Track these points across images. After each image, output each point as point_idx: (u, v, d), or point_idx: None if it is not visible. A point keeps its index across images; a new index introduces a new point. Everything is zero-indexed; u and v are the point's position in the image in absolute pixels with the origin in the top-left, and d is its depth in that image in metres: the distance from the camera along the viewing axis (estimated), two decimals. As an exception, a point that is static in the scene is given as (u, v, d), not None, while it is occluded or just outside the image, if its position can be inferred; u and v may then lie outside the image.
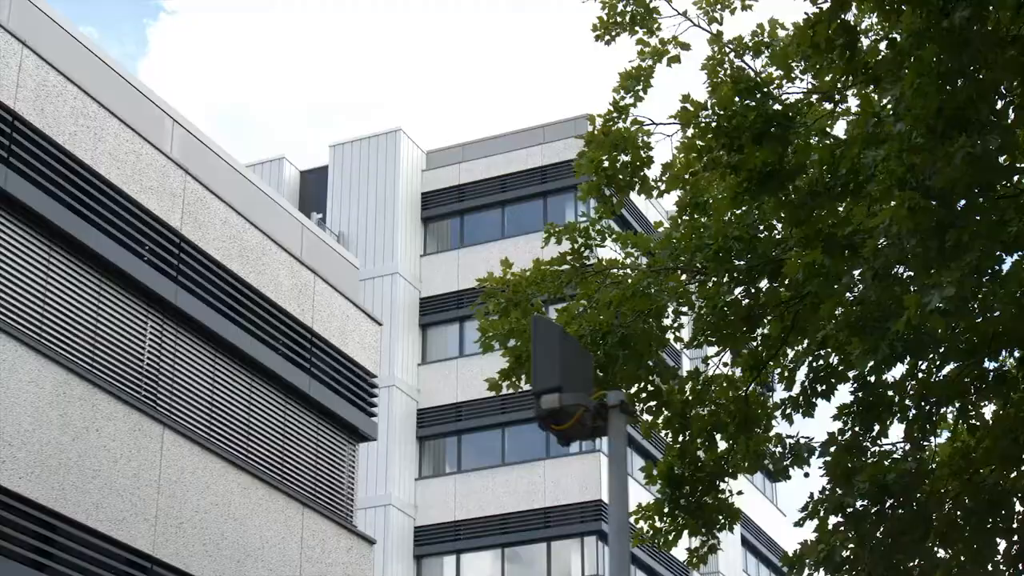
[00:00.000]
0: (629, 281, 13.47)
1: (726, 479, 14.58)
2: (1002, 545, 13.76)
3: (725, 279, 13.50)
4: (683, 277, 13.70)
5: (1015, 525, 13.80)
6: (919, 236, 10.40)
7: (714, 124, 11.83)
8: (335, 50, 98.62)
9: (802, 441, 13.40)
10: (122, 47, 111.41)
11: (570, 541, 40.68)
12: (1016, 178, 11.67)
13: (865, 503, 12.77)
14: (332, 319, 18.77)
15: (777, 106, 11.67)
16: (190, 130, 17.20)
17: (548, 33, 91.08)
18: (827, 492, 13.05)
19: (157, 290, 16.01)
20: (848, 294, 11.89)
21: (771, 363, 14.25)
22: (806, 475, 13.61)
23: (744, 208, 13.50)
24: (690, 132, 12.52)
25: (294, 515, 17.30)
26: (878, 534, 12.91)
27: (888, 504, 13.21)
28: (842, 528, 13.00)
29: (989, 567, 14.12)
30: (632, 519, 15.10)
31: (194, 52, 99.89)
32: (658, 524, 14.74)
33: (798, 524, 13.17)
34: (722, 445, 14.41)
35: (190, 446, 15.86)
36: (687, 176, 13.29)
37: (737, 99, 11.58)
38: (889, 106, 10.39)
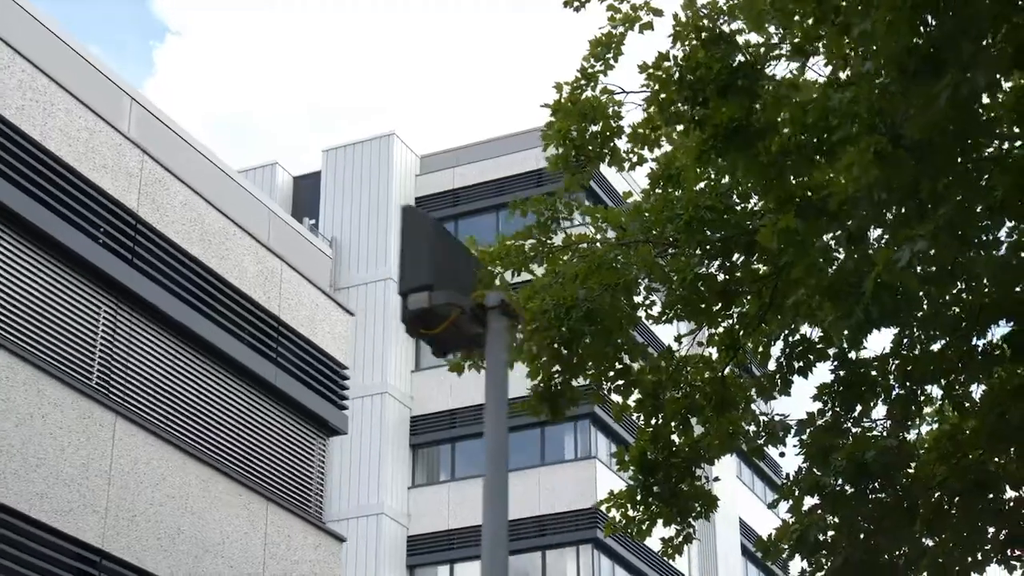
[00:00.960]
0: (595, 253, 12.77)
1: (702, 465, 13.88)
2: (991, 532, 13.07)
3: (697, 251, 12.81)
4: (653, 250, 13.00)
5: (1005, 509, 13.11)
6: (891, 191, 9.72)
7: (676, 76, 11.13)
8: (332, 55, 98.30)
9: (777, 419, 12.69)
10: (128, 69, 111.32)
11: (565, 550, 39.98)
12: (1002, 144, 11.01)
13: (843, 484, 12.05)
14: (300, 308, 18.09)
15: (743, 57, 10.98)
16: (149, 109, 16.56)
17: (542, 37, 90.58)
18: (803, 472, 12.34)
19: (112, 273, 15.35)
20: (822, 259, 11.17)
21: (749, 343, 13.55)
22: (782, 455, 12.91)
23: (715, 175, 12.85)
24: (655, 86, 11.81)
25: (257, 510, 16.60)
26: (858, 518, 12.20)
27: (870, 487, 12.51)
28: (819, 511, 12.27)
29: (979, 555, 13.44)
30: (603, 508, 14.41)
31: (199, 70, 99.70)
32: (631, 513, 14.03)
33: (771, 506, 12.46)
34: (698, 430, 13.71)
35: (145, 436, 15.18)
36: (648, 131, 12.58)
37: (702, 51, 10.90)
38: (859, 46, 9.68)
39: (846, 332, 10.57)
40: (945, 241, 9.56)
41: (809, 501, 12.48)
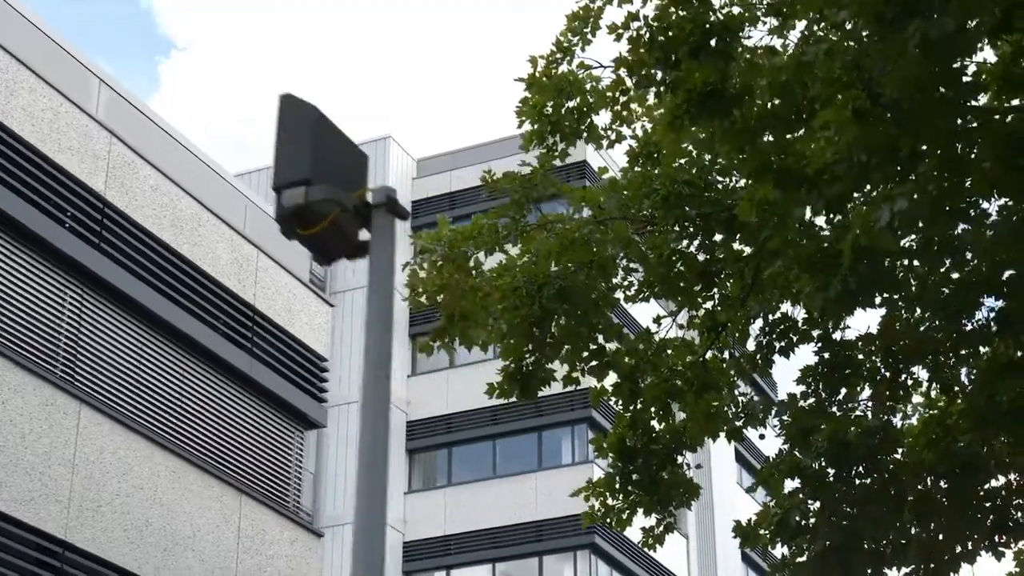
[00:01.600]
0: (569, 229, 12.31)
1: (684, 452, 13.40)
2: (980, 519, 12.59)
3: (675, 228, 12.35)
4: (630, 227, 12.53)
5: (995, 498, 12.63)
6: (870, 152, 9.28)
7: (647, 36, 10.68)
8: (330, 59, 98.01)
9: (756, 399, 12.22)
10: (135, 84, 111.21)
11: (562, 555, 39.46)
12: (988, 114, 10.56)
13: (825, 466, 11.57)
14: (277, 297, 17.64)
15: (716, 18, 10.52)
16: (119, 92, 16.13)
17: (539, 39, 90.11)
18: (784, 455, 11.87)
19: (78, 258, 14.91)
20: (800, 229, 10.70)
21: (731, 325, 13.08)
22: (761, 437, 12.44)
23: (695, 151, 12.41)
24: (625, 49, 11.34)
25: (230, 502, 16.14)
26: (841, 503, 11.72)
27: (854, 471, 12.03)
28: (802, 495, 11.79)
29: (969, 544, 12.96)
30: (582, 496, 13.95)
31: (203, 84, 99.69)
32: (610, 502, 13.56)
33: (750, 490, 11.97)
34: (679, 416, 13.24)
35: (111, 425, 14.73)
36: (617, 95, 12.13)
37: (673, 9, 10.44)
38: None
39: (823, 305, 10.10)
40: (926, 201, 9.10)
41: (790, 485, 12.00)
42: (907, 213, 8.90)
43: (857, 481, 12.02)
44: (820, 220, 10.95)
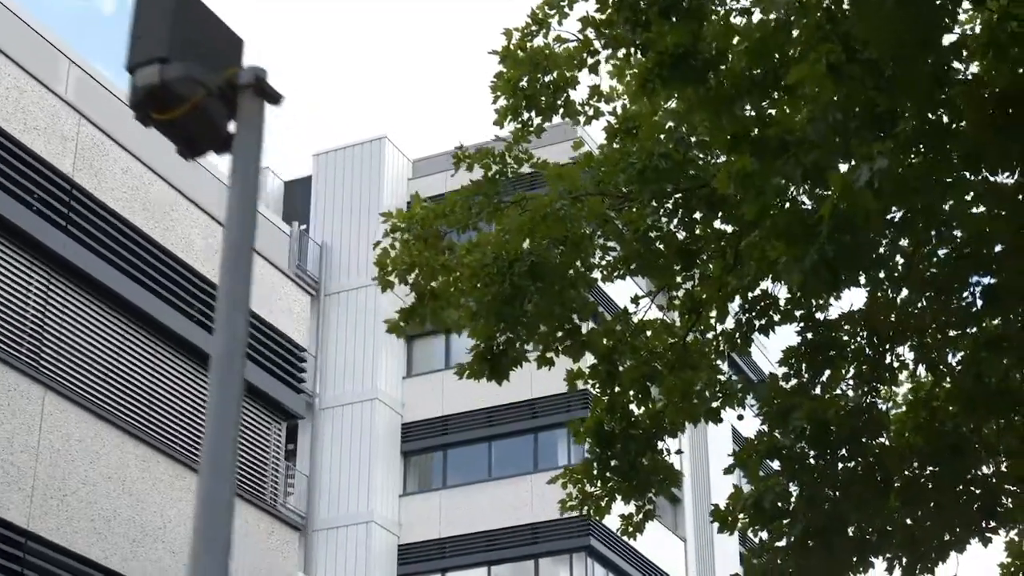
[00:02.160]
0: (542, 203, 11.91)
1: (664, 437, 13.00)
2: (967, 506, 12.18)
3: (652, 203, 11.95)
4: (605, 202, 12.14)
5: (984, 484, 12.22)
6: (848, 110, 8.89)
7: (616, -6, 10.28)
8: (325, 57, 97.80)
9: (734, 377, 11.82)
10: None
11: (558, 558, 39.05)
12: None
13: (806, 448, 11.14)
14: (254, 285, 17.17)
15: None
16: (90, 72, 15.74)
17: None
18: (764, 436, 11.46)
19: (45, 241, 14.51)
20: (777, 198, 10.29)
21: (711, 305, 12.68)
22: (740, 418, 12.04)
23: (673, 123, 12.02)
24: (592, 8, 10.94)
25: (203, 493, 15.70)
26: (823, 486, 11.30)
27: (838, 455, 11.62)
28: (781, 477, 11.37)
29: (957, 531, 12.55)
30: (559, 483, 13.55)
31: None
32: (588, 489, 13.16)
33: (727, 471, 11.56)
34: (660, 400, 12.83)
35: (78, 412, 14.32)
36: (585, 56, 11.74)
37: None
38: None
39: (801, 278, 9.69)
40: (907, 162, 8.69)
41: (771, 470, 11.58)
42: (887, 173, 8.50)
43: (840, 465, 11.61)
44: (800, 192, 10.56)
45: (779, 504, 11.03)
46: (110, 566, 14.24)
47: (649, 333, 12.89)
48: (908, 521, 12.27)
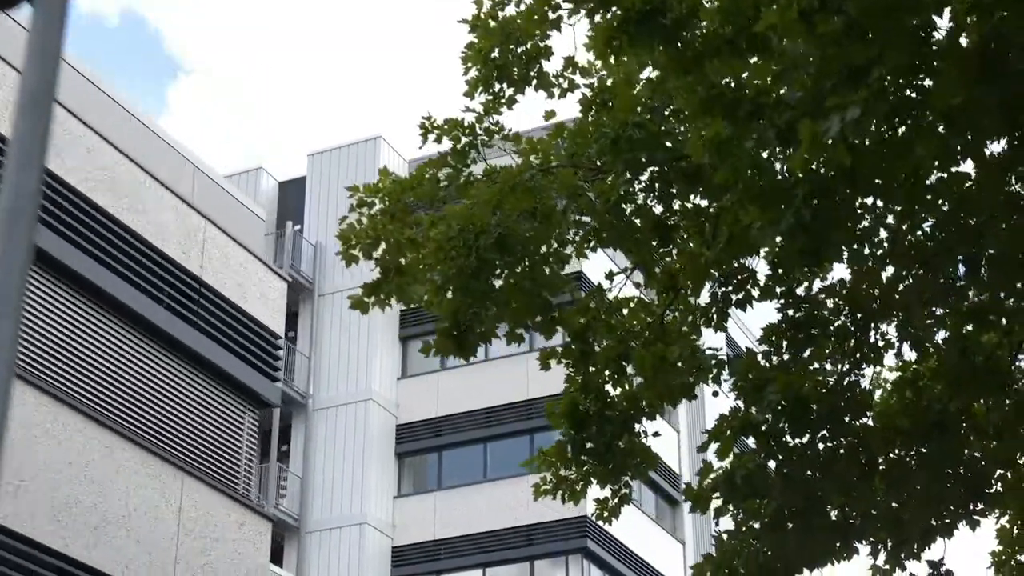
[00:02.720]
0: (511, 174, 11.45)
1: (642, 419, 12.50)
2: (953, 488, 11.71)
3: (626, 175, 11.46)
4: (577, 174, 11.66)
5: (972, 463, 11.74)
6: (820, 64, 8.43)
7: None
8: (325, 60, 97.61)
9: (708, 351, 11.34)
10: (142, 106, 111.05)
11: (554, 559, 38.57)
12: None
13: (782, 424, 10.65)
14: (227, 271, 16.79)
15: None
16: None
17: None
18: (739, 412, 10.98)
19: (6, 221, 14.06)
20: (751, 161, 9.80)
21: (689, 283, 12.18)
22: (715, 394, 11.56)
23: (650, 93, 11.57)
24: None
25: (171, 482, 15.28)
26: (803, 466, 10.80)
27: (817, 433, 11.12)
28: (761, 454, 10.86)
29: (945, 517, 12.07)
30: (533, 466, 13.06)
31: (210, 107, 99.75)
32: (562, 473, 12.67)
33: (700, 449, 11.09)
34: (637, 381, 12.34)
35: (38, 395, 13.87)
36: (546, 11, 11.27)
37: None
38: None
39: (782, 254, 9.24)
40: (883, 112, 8.21)
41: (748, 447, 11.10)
42: (860, 124, 8.03)
43: (821, 446, 11.13)
44: (775, 157, 10.09)
45: (754, 481, 10.54)
46: (71, 554, 13.80)
47: (625, 312, 12.41)
48: (893, 504, 11.78)
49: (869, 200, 10.86)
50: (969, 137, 9.97)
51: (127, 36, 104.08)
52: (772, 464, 10.80)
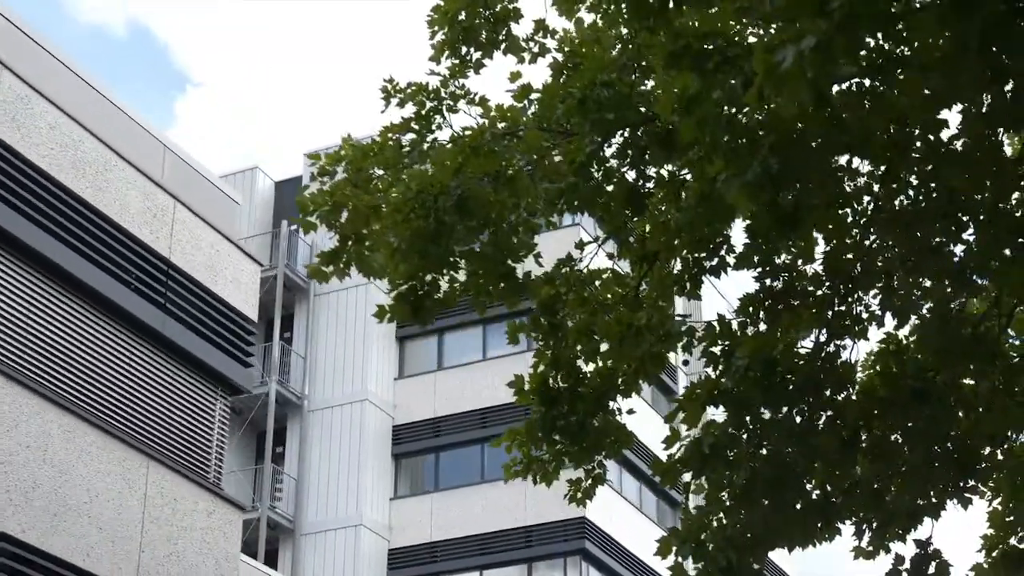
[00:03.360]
0: (473, 134, 10.95)
1: (617, 396, 11.97)
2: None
3: (597, 138, 10.93)
4: (544, 137, 11.15)
5: (960, 438, 11.20)
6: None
7: None
8: (331, 69, 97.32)
9: (677, 318, 10.83)
10: (150, 119, 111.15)
11: (552, 561, 38.06)
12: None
13: (750, 390, 10.10)
14: (197, 252, 16.29)
15: None
16: (11, 20, 14.84)
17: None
18: (705, 378, 10.46)
19: (-38, 198, 13.63)
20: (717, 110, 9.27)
21: (666, 253, 11.65)
22: (685, 363, 11.04)
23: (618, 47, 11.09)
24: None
25: (135, 468, 14.78)
26: (777, 435, 10.26)
27: (792, 402, 10.57)
28: (730, 428, 10.32)
29: (932, 497, 11.55)
30: (503, 447, 12.54)
31: (218, 120, 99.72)
32: (533, 453, 12.15)
33: (668, 419, 10.56)
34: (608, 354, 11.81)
35: (-6, 376, 13.40)
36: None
37: None
38: None
39: (742, 193, 8.71)
40: (844, 48, 7.67)
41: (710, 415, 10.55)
42: (822, 61, 7.49)
43: (798, 419, 10.59)
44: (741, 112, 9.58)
45: (722, 451, 10.00)
46: (28, 540, 13.31)
47: (598, 283, 11.90)
48: (876, 482, 11.26)
49: (849, 162, 10.40)
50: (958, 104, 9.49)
51: (135, 49, 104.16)
52: (744, 436, 10.25)
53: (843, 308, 11.25)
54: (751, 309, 11.20)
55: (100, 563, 14.10)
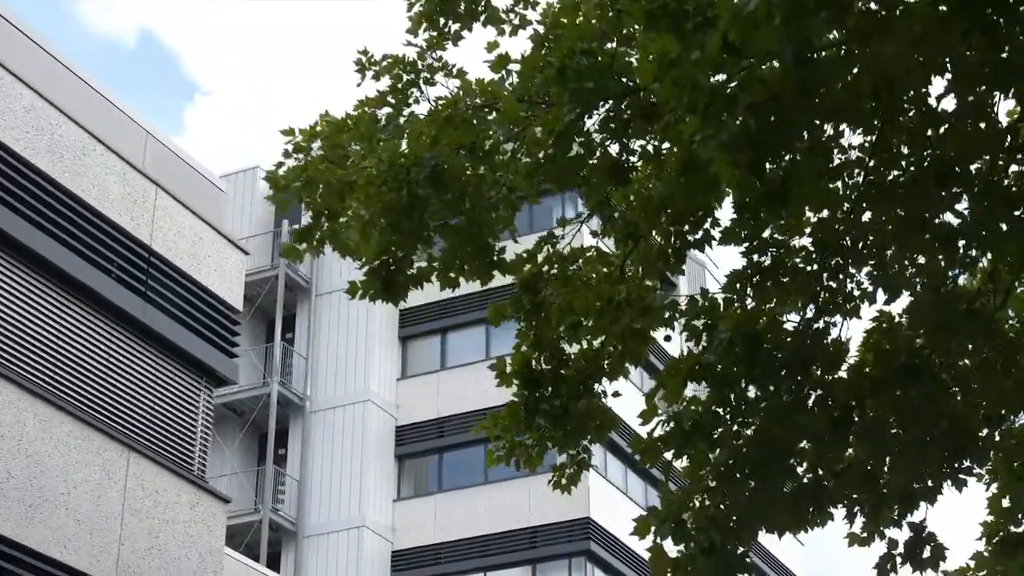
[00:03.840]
0: (447, 103, 10.59)
1: (603, 379, 11.59)
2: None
3: (576, 109, 10.56)
4: (521, 107, 10.77)
5: (957, 417, 10.80)
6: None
7: None
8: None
9: (658, 292, 10.45)
10: (159, 127, 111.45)
11: (557, 562, 37.69)
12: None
13: (735, 368, 9.71)
14: (180, 239, 15.95)
15: None
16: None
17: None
18: (687, 354, 10.08)
19: (-67, 181, 13.31)
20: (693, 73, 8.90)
21: (648, 227, 11.27)
22: (667, 339, 10.65)
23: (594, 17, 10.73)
24: None
25: (114, 459, 14.43)
26: (762, 413, 9.86)
27: (787, 384, 10.19)
28: (714, 406, 9.93)
29: (928, 480, 11.15)
30: (485, 432, 12.16)
31: (227, 128, 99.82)
32: (516, 437, 11.76)
33: (649, 396, 10.16)
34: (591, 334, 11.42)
35: (-35, 363, 13.07)
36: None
37: None
38: None
39: (718, 154, 8.34)
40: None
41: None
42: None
43: (785, 397, 10.19)
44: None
45: (704, 427, 9.61)
46: (2, 532, 12.97)
47: (580, 262, 11.52)
48: (868, 464, 10.87)
49: (838, 131, 10.04)
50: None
51: (144, 58, 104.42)
52: (728, 413, 9.86)
53: (833, 284, 10.88)
54: (738, 286, 10.83)
55: (78, 556, 13.76)
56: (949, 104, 9.73)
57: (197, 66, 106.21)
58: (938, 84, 9.67)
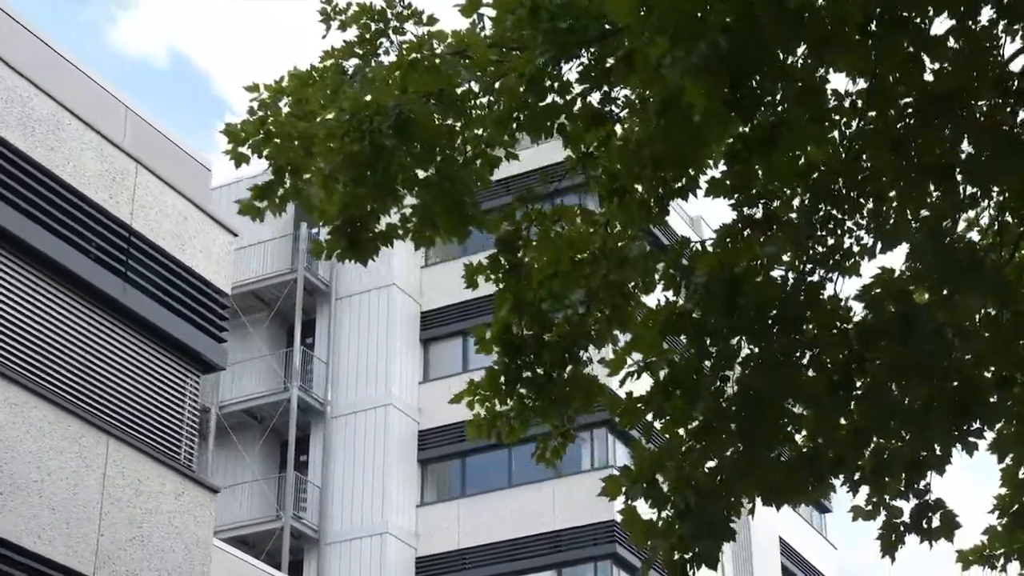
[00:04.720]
0: (412, 47, 9.97)
1: (589, 347, 10.91)
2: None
3: (550, 52, 9.91)
4: (492, 52, 10.14)
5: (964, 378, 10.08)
6: None
7: None
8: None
9: (637, 242, 9.77)
10: (194, 144, 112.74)
11: (583, 566, 37.02)
12: None
13: (714, 316, 9.00)
14: (163, 219, 15.38)
15: None
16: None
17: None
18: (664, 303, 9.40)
19: None
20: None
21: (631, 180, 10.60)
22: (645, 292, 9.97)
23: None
24: None
25: (93, 445, 13.85)
26: (748, 368, 9.17)
27: (778, 339, 9.49)
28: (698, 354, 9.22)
29: (936, 448, 10.42)
30: (464, 402, 11.48)
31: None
32: (498, 408, 11.10)
33: (625, 351, 9.46)
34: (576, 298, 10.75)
35: (-70, 344, 12.52)
36: None
37: None
38: None
39: (688, 79, 7.69)
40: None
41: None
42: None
43: (777, 355, 9.49)
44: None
45: (681, 380, 8.93)
46: (-31, 520, 12.42)
47: (563, 221, 10.85)
48: (871, 435, 10.15)
49: (824, 68, 9.38)
50: None
51: (176, 79, 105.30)
52: (708, 364, 9.16)
53: (829, 238, 10.21)
54: (728, 241, 10.16)
55: (53, 546, 13.18)
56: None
57: (228, 85, 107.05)
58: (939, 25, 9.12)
